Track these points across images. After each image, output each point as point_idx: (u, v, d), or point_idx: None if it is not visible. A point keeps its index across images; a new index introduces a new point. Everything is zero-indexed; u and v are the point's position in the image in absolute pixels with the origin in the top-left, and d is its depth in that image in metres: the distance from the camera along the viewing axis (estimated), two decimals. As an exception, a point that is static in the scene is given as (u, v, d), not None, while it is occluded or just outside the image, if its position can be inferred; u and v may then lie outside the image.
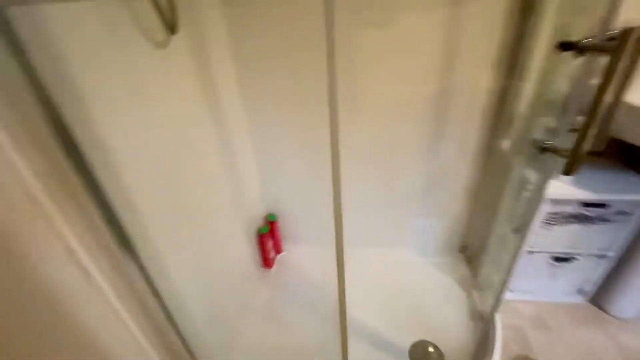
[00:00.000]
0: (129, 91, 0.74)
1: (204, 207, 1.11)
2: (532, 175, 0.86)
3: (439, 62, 1.14)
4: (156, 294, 0.79)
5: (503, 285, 0.95)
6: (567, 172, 0.61)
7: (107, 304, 0.71)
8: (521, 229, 0.83)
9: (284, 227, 1.68)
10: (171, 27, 0.80)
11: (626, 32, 0.52)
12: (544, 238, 1.27)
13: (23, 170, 0.51)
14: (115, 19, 0.69)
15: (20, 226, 0.52)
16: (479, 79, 1.16)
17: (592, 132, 0.58)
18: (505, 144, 1.23)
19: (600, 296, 1.41)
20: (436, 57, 1.13)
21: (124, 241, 0.69)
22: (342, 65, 1.15)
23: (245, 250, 1.45)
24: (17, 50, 0.47)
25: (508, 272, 0.93)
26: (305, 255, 1.70)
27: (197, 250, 1.07)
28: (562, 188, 1.16)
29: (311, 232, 1.68)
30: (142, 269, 0.74)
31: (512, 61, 1.10)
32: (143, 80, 0.79)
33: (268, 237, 1.54)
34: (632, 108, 0.92)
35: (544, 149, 0.72)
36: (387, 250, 1.68)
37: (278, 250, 1.68)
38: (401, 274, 1.57)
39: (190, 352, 0.95)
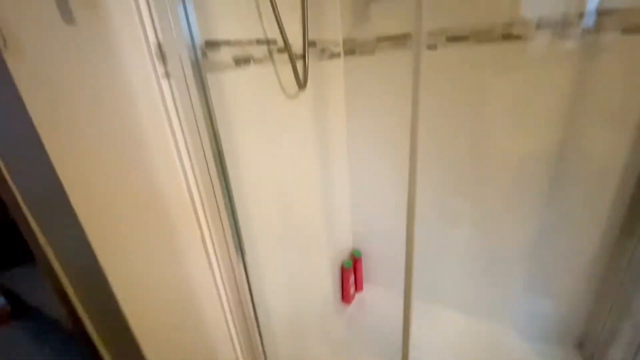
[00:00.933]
0: (263, 129, 0.99)
1: (300, 233, 1.28)
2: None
3: (571, 117, 1.06)
4: (251, 296, 0.96)
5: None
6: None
7: (218, 296, 0.91)
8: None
9: (367, 266, 1.71)
10: (302, 84, 1.04)
11: None
12: None
13: (192, 185, 0.77)
14: (264, 76, 0.96)
15: (180, 220, 0.77)
16: (617, 142, 1.03)
17: None
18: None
19: None
20: (568, 112, 1.06)
21: (240, 247, 0.89)
22: (462, 110, 1.20)
23: (328, 281, 1.55)
24: (206, 94, 0.73)
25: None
26: (384, 298, 1.67)
27: (288, 270, 1.23)
28: None
29: (392, 277, 1.66)
30: (246, 272, 0.93)
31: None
32: (274, 121, 1.03)
33: (350, 273, 1.61)
34: None
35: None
36: (482, 320, 1.50)
37: (359, 288, 1.71)
38: (493, 353, 1.37)
39: (265, 357, 1.07)
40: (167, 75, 0.67)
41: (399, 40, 1.22)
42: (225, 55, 0.81)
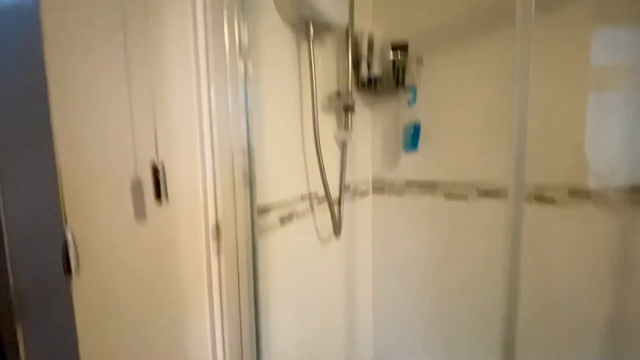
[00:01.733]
0: (297, 266, 0.94)
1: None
2: None
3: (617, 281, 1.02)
4: None
5: None
6: None
7: None
8: None
9: None
10: (338, 232, 1.03)
11: None
12: None
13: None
14: (304, 229, 0.96)
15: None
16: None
17: None
18: None
19: None
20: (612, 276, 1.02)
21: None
22: (488, 264, 1.16)
23: None
24: (255, 268, 0.70)
25: None
26: None
27: None
28: None
29: None
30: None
31: None
32: (307, 260, 0.99)
33: None
34: None
35: None
36: None
37: None
38: None
39: None
40: (219, 252, 0.65)
41: (428, 187, 1.26)
42: (272, 217, 0.81)
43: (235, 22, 0.63)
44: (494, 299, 1.16)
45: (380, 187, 1.37)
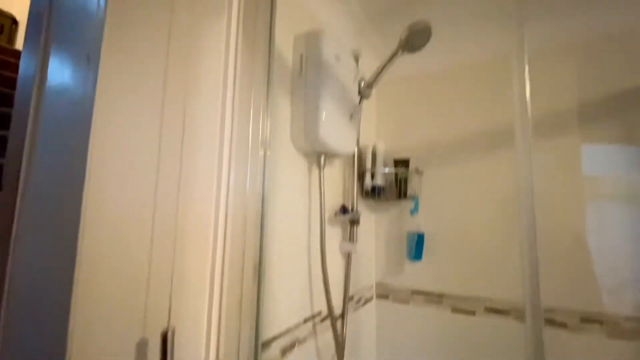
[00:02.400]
0: None
1: None
2: None
3: None
4: None
5: None
6: None
7: None
8: None
9: None
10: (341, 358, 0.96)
11: None
12: None
13: None
14: (306, 356, 0.89)
15: None
16: None
17: None
18: None
19: None
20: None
21: None
22: None
23: None
24: None
25: None
26: None
27: None
28: None
29: None
30: None
31: None
32: None
33: None
34: None
35: None
36: None
37: None
38: None
39: None
40: (216, 407, 0.60)
41: (435, 297, 1.22)
42: (274, 351, 0.76)
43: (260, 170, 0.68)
44: None
45: (384, 294, 1.32)
